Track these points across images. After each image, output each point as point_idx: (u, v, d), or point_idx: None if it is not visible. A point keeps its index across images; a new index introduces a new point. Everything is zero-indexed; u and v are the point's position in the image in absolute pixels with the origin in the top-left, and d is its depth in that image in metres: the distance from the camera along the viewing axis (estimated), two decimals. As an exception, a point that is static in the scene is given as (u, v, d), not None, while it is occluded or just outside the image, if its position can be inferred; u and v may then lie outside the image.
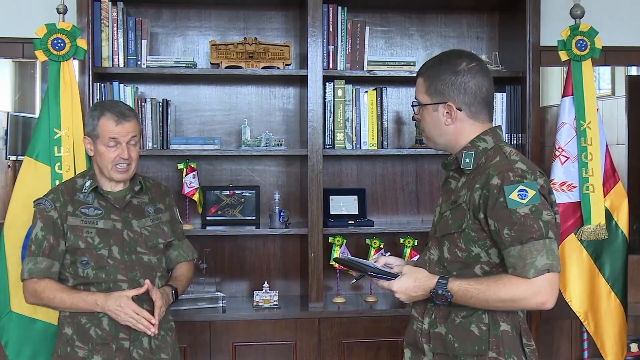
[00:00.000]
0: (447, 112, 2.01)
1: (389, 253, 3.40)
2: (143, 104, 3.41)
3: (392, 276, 2.02)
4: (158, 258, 2.57)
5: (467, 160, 1.99)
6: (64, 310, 2.45)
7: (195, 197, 3.45)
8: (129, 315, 2.37)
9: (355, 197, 3.69)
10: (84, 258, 2.44)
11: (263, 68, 3.43)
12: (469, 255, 1.95)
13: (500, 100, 3.56)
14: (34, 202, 2.52)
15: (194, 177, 3.45)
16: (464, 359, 1.95)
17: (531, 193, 1.86)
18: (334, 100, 3.48)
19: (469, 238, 1.94)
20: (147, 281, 2.42)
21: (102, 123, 2.46)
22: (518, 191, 1.86)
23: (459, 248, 1.96)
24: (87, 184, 2.51)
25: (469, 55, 2.04)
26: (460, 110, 2.00)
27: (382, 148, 3.54)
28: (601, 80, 4.32)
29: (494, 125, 2.06)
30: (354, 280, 2.24)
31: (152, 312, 2.41)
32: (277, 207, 3.51)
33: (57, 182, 2.98)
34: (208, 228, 3.51)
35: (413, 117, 2.17)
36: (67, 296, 2.41)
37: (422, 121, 2.08)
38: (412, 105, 2.11)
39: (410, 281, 1.99)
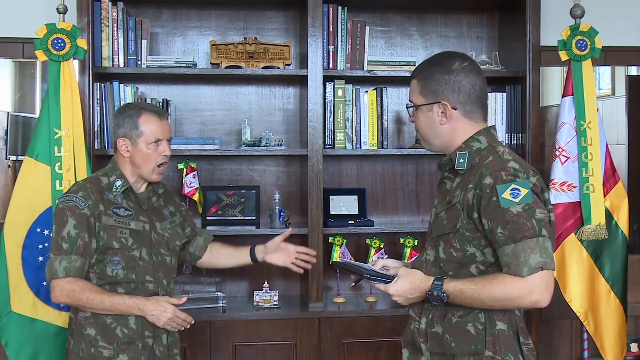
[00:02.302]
0: (442, 112, 2.02)
1: (386, 255, 3.41)
2: (143, 104, 3.41)
3: (389, 278, 2.03)
4: (175, 260, 2.63)
5: (461, 160, 2.00)
6: (99, 311, 2.41)
7: (195, 197, 3.46)
8: (172, 320, 2.43)
9: (355, 197, 3.70)
10: (115, 258, 2.43)
11: (263, 68, 3.43)
12: (465, 255, 1.96)
13: (500, 100, 3.57)
14: (60, 198, 2.46)
15: (194, 177, 3.45)
16: (461, 358, 1.96)
17: (524, 192, 1.86)
18: (334, 100, 3.48)
19: (463, 238, 1.94)
20: (185, 298, 2.51)
21: (144, 121, 2.48)
22: (510, 190, 1.86)
23: (454, 248, 1.97)
24: (118, 183, 2.48)
25: (461, 56, 2.06)
26: (455, 109, 2.01)
27: (382, 148, 3.54)
28: (601, 80, 4.32)
29: (488, 125, 2.06)
30: (353, 284, 2.26)
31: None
32: (277, 207, 3.51)
33: (57, 182, 2.99)
34: (208, 228, 3.50)
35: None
36: (107, 298, 2.39)
37: (417, 122, 2.09)
38: (407, 107, 2.12)
39: (406, 283, 2.00)
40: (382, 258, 2.27)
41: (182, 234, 2.71)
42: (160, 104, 3.44)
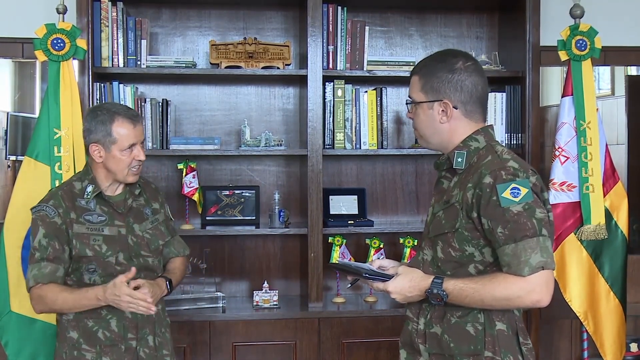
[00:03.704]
0: (443, 110, 2.01)
1: (382, 256, 3.41)
2: (143, 104, 3.41)
3: (387, 277, 2.02)
4: (158, 260, 2.57)
5: (459, 160, 2.00)
6: (69, 311, 2.39)
7: (195, 197, 3.45)
8: (129, 302, 2.28)
9: (355, 197, 3.70)
10: (90, 266, 2.40)
11: (263, 68, 3.43)
12: (463, 255, 1.95)
13: (500, 100, 3.56)
14: (32, 209, 2.42)
15: (193, 177, 3.45)
16: (460, 358, 1.95)
17: (524, 191, 1.86)
18: (333, 100, 3.48)
19: (462, 237, 1.94)
20: (134, 268, 2.34)
21: (117, 127, 2.40)
22: (511, 189, 1.86)
23: (452, 248, 1.96)
24: (89, 189, 2.44)
25: (465, 55, 2.05)
26: (456, 109, 2.00)
27: (382, 148, 3.54)
28: (601, 80, 4.32)
29: (486, 125, 2.06)
30: (349, 285, 2.25)
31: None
32: (277, 207, 3.51)
33: (57, 182, 2.98)
34: (208, 228, 3.51)
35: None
36: (68, 295, 2.34)
37: (416, 119, 2.08)
38: (406, 103, 2.12)
39: (406, 281, 1.99)
40: (379, 258, 2.26)
41: (166, 232, 2.62)
42: (160, 104, 3.44)
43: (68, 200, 2.42)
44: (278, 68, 3.44)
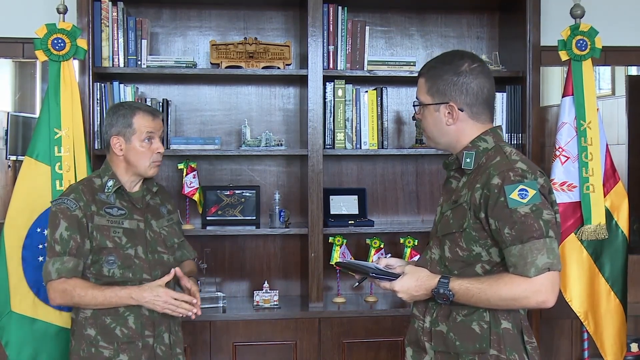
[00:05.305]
0: (449, 113, 2.02)
1: (389, 255, 3.40)
2: (143, 104, 3.41)
3: (394, 276, 2.03)
4: (173, 257, 2.62)
5: (468, 160, 2.00)
6: (94, 307, 2.42)
7: (196, 197, 3.45)
8: (168, 303, 2.40)
9: (356, 197, 3.70)
10: (110, 257, 2.43)
11: (263, 68, 3.43)
12: (470, 255, 1.96)
13: (500, 100, 3.56)
14: (53, 201, 2.49)
15: (194, 177, 3.45)
16: (466, 356, 1.96)
17: (531, 192, 1.87)
18: (334, 100, 3.48)
19: (470, 237, 1.95)
20: (176, 269, 2.48)
21: (137, 119, 2.50)
22: (518, 191, 1.87)
23: (460, 247, 1.97)
24: (110, 183, 2.49)
25: (471, 56, 2.05)
26: (462, 111, 2.01)
27: (382, 148, 3.54)
28: (601, 80, 4.33)
29: (494, 126, 2.07)
30: (356, 284, 2.25)
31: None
32: (277, 207, 3.51)
33: (57, 182, 2.99)
34: (208, 228, 3.51)
35: (414, 116, 2.18)
36: (98, 292, 2.39)
37: (424, 121, 2.09)
38: (414, 105, 2.12)
39: (412, 281, 2.00)
40: (385, 257, 2.26)
41: (180, 232, 2.71)
42: (160, 104, 3.44)
43: (88, 194, 2.46)
44: (278, 68, 3.44)
